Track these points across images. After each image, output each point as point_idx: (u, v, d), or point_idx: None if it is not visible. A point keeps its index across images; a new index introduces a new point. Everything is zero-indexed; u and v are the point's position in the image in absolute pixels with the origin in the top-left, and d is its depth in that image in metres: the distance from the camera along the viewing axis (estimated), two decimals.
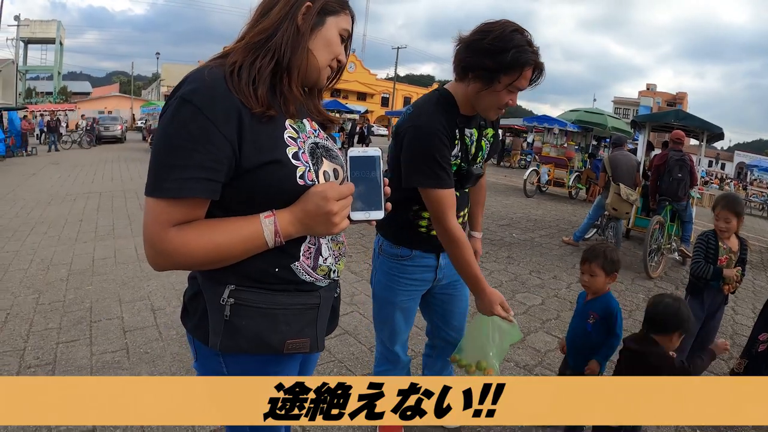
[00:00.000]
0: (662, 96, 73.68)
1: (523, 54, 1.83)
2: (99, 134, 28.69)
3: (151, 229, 1.13)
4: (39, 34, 52.44)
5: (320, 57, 1.32)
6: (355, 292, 5.08)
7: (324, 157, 1.34)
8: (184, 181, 1.10)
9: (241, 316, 1.22)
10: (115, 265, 5.58)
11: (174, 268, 1.17)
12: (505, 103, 1.97)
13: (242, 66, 1.20)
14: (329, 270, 1.36)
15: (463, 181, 2.19)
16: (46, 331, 3.87)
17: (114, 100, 54.00)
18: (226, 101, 1.14)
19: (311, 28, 1.29)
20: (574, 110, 15.97)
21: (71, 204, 9.33)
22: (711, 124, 9.37)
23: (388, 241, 2.33)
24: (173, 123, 1.12)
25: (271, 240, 1.18)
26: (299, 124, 1.31)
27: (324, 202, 1.16)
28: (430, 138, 1.99)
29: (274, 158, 1.19)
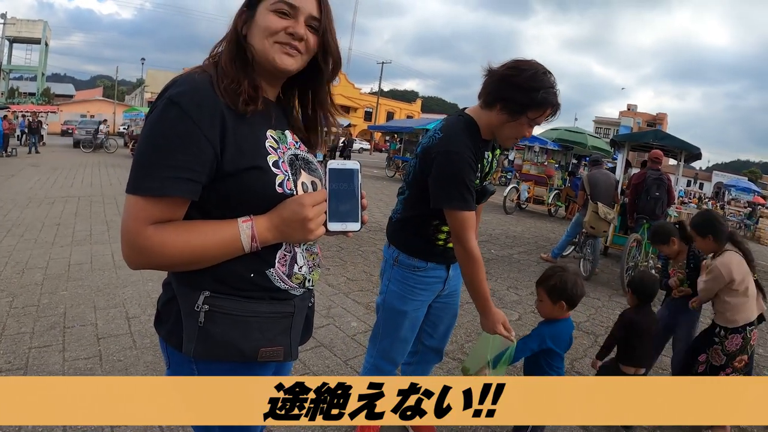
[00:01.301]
0: (642, 116, 74.72)
1: (551, 96, 2.06)
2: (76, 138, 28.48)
3: (129, 226, 1.14)
4: (25, 33, 51.97)
5: (256, 42, 1.29)
6: (332, 305, 5.07)
7: (302, 169, 1.37)
8: (165, 180, 1.12)
9: (215, 322, 1.24)
10: (91, 271, 5.53)
11: (149, 267, 1.19)
12: (524, 135, 2.20)
13: (217, 71, 1.25)
14: (304, 279, 1.38)
15: (479, 197, 2.32)
16: (19, 335, 3.82)
17: (97, 104, 53.50)
18: (211, 105, 1.17)
19: (245, 23, 1.31)
20: (554, 129, 16.15)
21: (49, 207, 9.21)
22: (689, 144, 9.53)
23: (405, 253, 2.44)
24: (159, 123, 1.15)
25: (247, 244, 1.20)
26: (280, 135, 1.34)
27: (300, 208, 1.19)
28: (461, 164, 2.14)
29: (255, 164, 1.22)
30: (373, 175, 22.45)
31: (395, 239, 2.52)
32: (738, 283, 3.28)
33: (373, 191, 15.83)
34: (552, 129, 16.24)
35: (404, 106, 72.00)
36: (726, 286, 3.30)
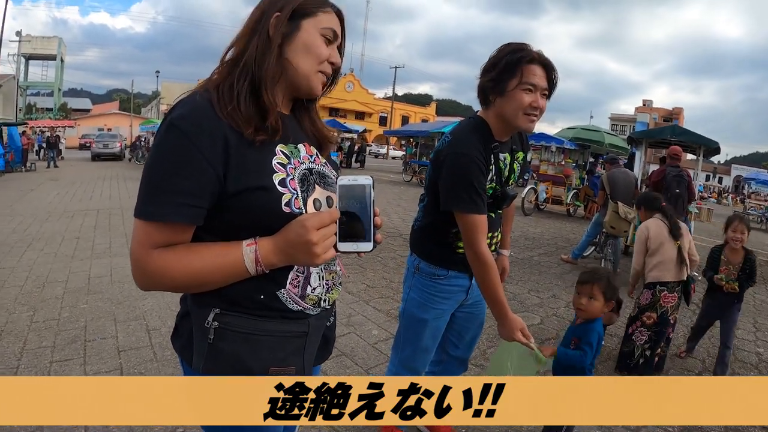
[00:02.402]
0: (659, 112, 74.06)
1: (515, 54, 2.04)
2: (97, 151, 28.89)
3: (135, 250, 1.14)
4: (40, 50, 52.81)
5: (302, 64, 1.27)
6: (352, 313, 5.03)
7: (317, 184, 1.31)
8: (166, 206, 1.10)
9: (225, 339, 1.22)
10: (110, 284, 5.55)
11: (157, 289, 1.19)
12: (528, 104, 2.05)
13: (224, 88, 1.20)
14: (319, 299, 1.33)
15: (498, 202, 2.28)
16: (40, 349, 3.83)
17: (114, 117, 54.11)
18: (212, 127, 1.13)
19: (285, 36, 1.26)
20: (571, 128, 16.05)
21: (68, 221, 9.31)
22: (707, 138, 9.41)
23: (425, 261, 2.41)
24: (161, 147, 1.13)
25: (252, 268, 1.17)
26: (292, 149, 1.29)
27: (304, 231, 1.13)
28: (468, 165, 2.11)
29: (260, 184, 1.18)
30: (390, 180, 22.43)
31: (416, 247, 2.48)
32: (651, 242, 4.01)
33: (390, 196, 15.84)
34: (568, 128, 16.14)
35: (419, 110, 72.04)
36: (647, 246, 4.05)
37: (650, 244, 4.02)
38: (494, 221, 2.35)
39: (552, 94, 2.14)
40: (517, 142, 2.39)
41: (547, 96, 2.11)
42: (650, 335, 3.87)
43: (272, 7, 1.26)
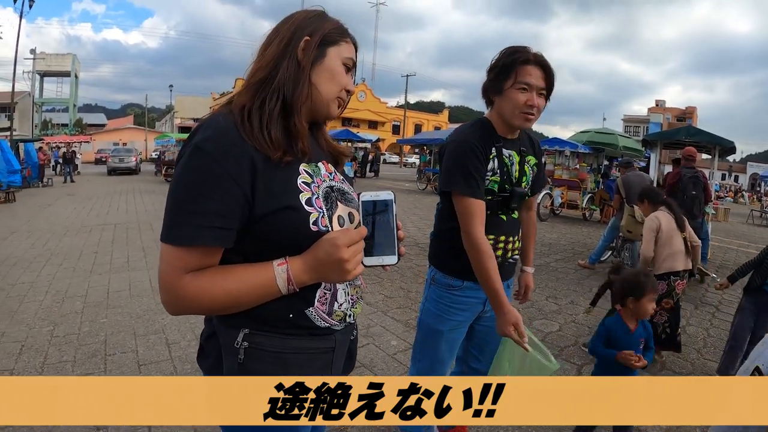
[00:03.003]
0: (672, 111, 73.44)
1: (511, 56, 2.11)
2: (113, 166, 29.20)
3: (166, 276, 1.13)
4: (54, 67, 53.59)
5: (325, 89, 1.30)
6: (371, 323, 5.01)
7: (339, 201, 1.32)
8: (197, 229, 1.10)
9: (255, 359, 1.22)
10: (129, 298, 5.58)
11: (188, 313, 1.18)
12: (523, 103, 2.11)
13: (251, 110, 1.20)
14: (345, 315, 1.34)
15: (508, 201, 2.27)
16: (61, 363, 3.86)
17: (128, 131, 54.85)
18: (239, 148, 1.13)
19: (312, 61, 1.28)
20: (584, 131, 15.96)
21: (86, 236, 9.40)
22: (722, 138, 9.32)
23: (441, 272, 2.39)
24: (187, 170, 1.12)
25: (284, 288, 1.17)
26: (314, 168, 1.30)
27: (334, 250, 1.14)
28: (462, 148, 2.19)
29: (287, 204, 1.18)
30: (405, 189, 22.41)
31: (432, 258, 2.47)
32: (663, 234, 4.28)
33: (405, 205, 15.82)
34: (582, 132, 16.06)
35: (431, 118, 72.08)
36: (656, 237, 4.30)
37: (661, 235, 4.30)
38: (507, 224, 2.32)
39: (551, 93, 2.18)
40: (527, 145, 2.39)
41: (545, 95, 2.16)
42: (669, 317, 4.25)
43: (301, 32, 1.28)
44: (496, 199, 2.25)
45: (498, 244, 2.29)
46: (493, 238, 2.27)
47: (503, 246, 2.31)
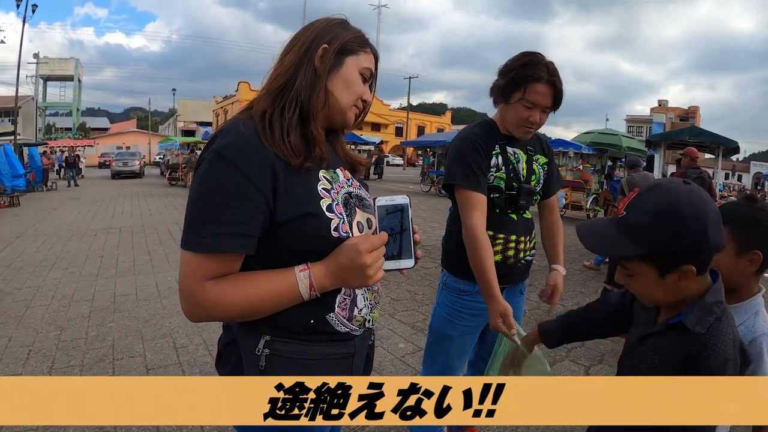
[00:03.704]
0: (675, 111, 73.24)
1: (524, 71, 2.08)
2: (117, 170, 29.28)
3: (188, 283, 1.13)
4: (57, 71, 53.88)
5: (342, 98, 1.31)
6: (379, 326, 4.98)
7: (357, 207, 1.32)
8: (219, 236, 1.10)
9: (276, 366, 1.21)
10: (136, 302, 5.58)
11: (210, 320, 1.18)
12: (525, 119, 2.13)
13: (272, 117, 1.21)
14: (364, 320, 1.34)
15: (516, 198, 2.26)
16: (69, 368, 3.86)
17: (132, 135, 54.92)
18: (260, 155, 1.13)
19: (329, 69, 1.28)
20: (588, 132, 15.98)
21: (92, 239, 9.42)
22: (726, 138, 9.33)
23: (453, 275, 2.36)
24: (208, 177, 1.12)
25: (306, 293, 1.17)
26: (332, 174, 1.30)
27: (356, 255, 1.15)
28: (463, 144, 2.23)
29: (309, 211, 1.18)
30: (409, 191, 22.39)
31: (444, 261, 2.45)
32: None
33: None
34: (585, 133, 16.07)
35: (434, 119, 72.18)
36: None
37: None
38: (518, 224, 2.30)
39: (558, 107, 2.19)
40: (535, 144, 2.38)
41: (551, 109, 2.18)
42: None
43: (320, 39, 1.29)
44: (504, 196, 2.24)
45: (509, 243, 2.27)
46: (503, 237, 2.25)
47: (514, 246, 2.28)
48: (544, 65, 2.08)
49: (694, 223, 1.18)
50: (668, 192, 1.22)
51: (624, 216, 1.27)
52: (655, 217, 1.21)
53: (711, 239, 1.19)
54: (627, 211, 1.27)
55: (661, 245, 1.22)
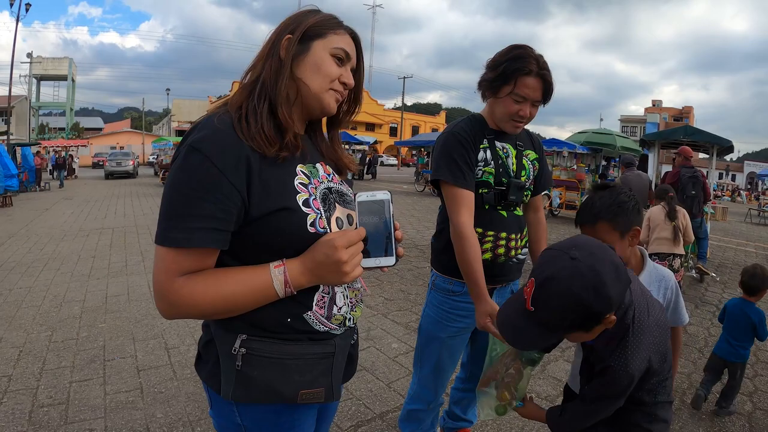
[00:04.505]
0: (669, 111, 73.51)
1: (514, 64, 2.05)
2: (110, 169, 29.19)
3: (160, 279, 1.11)
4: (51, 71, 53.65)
5: (312, 83, 1.28)
6: (371, 326, 4.98)
7: (337, 203, 1.31)
8: (192, 231, 1.08)
9: (253, 365, 1.19)
10: (128, 303, 5.55)
11: (183, 317, 1.15)
12: (515, 112, 2.11)
13: (247, 109, 1.20)
14: (344, 318, 1.32)
15: (506, 193, 2.23)
16: (59, 369, 3.83)
17: (126, 135, 54.77)
18: (234, 149, 1.12)
19: (295, 56, 1.26)
20: (582, 132, 15.99)
21: (84, 240, 9.37)
22: (720, 137, 9.35)
23: (442, 275, 2.34)
24: (182, 171, 1.10)
25: (281, 290, 1.15)
26: (311, 169, 1.29)
27: (332, 251, 1.13)
28: (449, 139, 2.20)
29: (284, 206, 1.16)
30: (403, 190, 22.39)
31: (433, 261, 2.42)
32: (652, 221, 5.22)
33: (403, 207, 15.80)
34: (579, 132, 16.09)
35: (429, 119, 72.29)
36: (647, 225, 5.22)
37: (650, 223, 5.20)
38: (508, 221, 2.26)
39: (548, 101, 2.16)
40: (524, 140, 2.36)
41: (541, 102, 2.15)
42: None
43: (285, 30, 1.28)
44: (493, 191, 2.21)
45: (499, 241, 2.23)
46: (493, 234, 2.22)
47: (505, 243, 2.25)
48: (534, 58, 2.06)
49: (597, 299, 1.28)
50: (561, 286, 1.30)
51: (534, 313, 1.35)
52: (561, 313, 1.32)
53: (614, 297, 1.32)
54: (534, 308, 1.35)
55: (581, 325, 1.35)
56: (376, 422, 3.19)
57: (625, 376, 1.45)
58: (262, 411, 1.27)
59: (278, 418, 1.29)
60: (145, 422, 3.10)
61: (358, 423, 3.17)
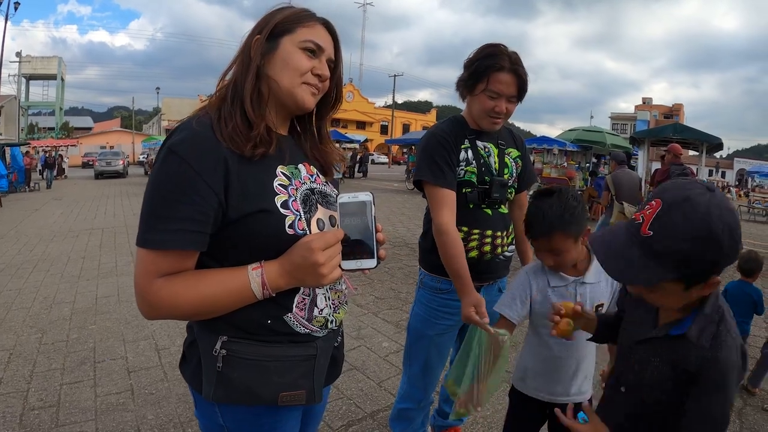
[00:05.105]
0: (659, 109, 73.82)
1: (486, 61, 2.11)
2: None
3: (139, 280, 1.13)
4: (40, 70, 53.26)
5: (282, 79, 1.27)
6: (362, 325, 4.99)
7: (319, 204, 1.31)
8: (169, 233, 1.09)
9: (233, 367, 1.20)
10: (118, 303, 5.53)
11: (163, 318, 1.17)
12: (490, 108, 2.15)
13: (223, 110, 1.21)
14: (326, 320, 1.32)
15: (489, 191, 2.25)
16: (50, 371, 3.82)
17: (115, 134, 54.46)
18: (212, 151, 1.13)
19: (264, 55, 1.26)
20: (572, 129, 16.05)
21: (74, 241, 9.32)
22: (709, 135, 9.41)
23: (429, 273, 2.36)
24: (160, 174, 1.12)
25: (258, 293, 1.16)
26: (292, 170, 1.29)
27: (309, 253, 1.13)
28: (430, 140, 2.25)
29: (262, 207, 1.17)
30: (394, 189, 22.39)
31: (421, 260, 2.45)
32: None
33: (394, 205, 15.82)
34: (570, 130, 16.14)
35: (419, 117, 72.39)
36: None
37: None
38: (493, 219, 2.28)
39: (523, 96, 2.20)
40: (506, 138, 2.39)
41: (517, 99, 2.19)
42: None
43: (255, 32, 1.29)
44: (476, 190, 2.24)
45: (485, 239, 2.26)
46: (479, 232, 2.25)
47: (491, 241, 2.27)
48: (506, 55, 2.11)
49: (730, 241, 1.08)
50: (700, 210, 1.08)
51: (650, 238, 1.13)
52: (691, 242, 1.08)
53: (739, 248, 1.14)
54: (653, 231, 1.12)
55: (696, 268, 1.13)
56: (367, 421, 3.20)
57: (734, 367, 1.18)
58: (243, 412, 1.28)
59: (259, 420, 1.30)
60: (136, 424, 3.10)
61: (349, 422, 3.18)
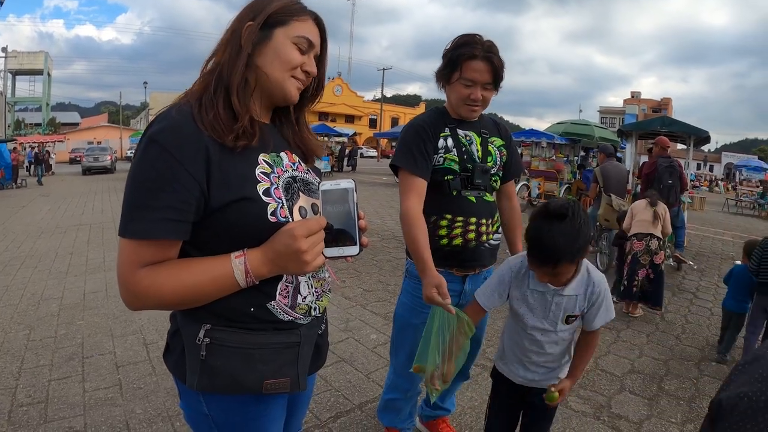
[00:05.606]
0: (647, 103, 74.28)
1: (459, 50, 2.15)
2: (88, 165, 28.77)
3: (122, 270, 1.12)
4: (27, 65, 52.64)
5: (272, 71, 1.27)
6: (350, 317, 5.01)
7: (302, 192, 1.31)
8: (151, 222, 1.09)
9: (217, 355, 1.20)
10: (106, 299, 5.51)
11: (147, 308, 1.16)
12: (466, 96, 2.20)
13: (204, 98, 1.20)
14: (309, 308, 1.32)
15: (471, 178, 2.28)
16: (38, 368, 3.81)
17: (103, 130, 53.99)
18: (193, 139, 1.12)
19: (256, 43, 1.25)
20: (561, 122, 16.09)
21: (61, 237, 9.26)
22: (697, 128, 9.45)
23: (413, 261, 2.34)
24: (141, 163, 1.11)
25: (242, 281, 1.16)
26: (274, 158, 1.29)
27: (292, 241, 1.13)
28: (408, 130, 2.32)
29: (243, 195, 1.17)
30: (383, 182, 22.36)
31: (406, 249, 2.42)
32: (635, 209, 5.77)
33: (383, 198, 15.84)
34: (558, 123, 16.19)
35: (408, 111, 72.23)
36: (632, 213, 5.76)
37: (633, 212, 5.72)
38: (477, 206, 2.29)
39: (499, 83, 2.23)
40: (490, 127, 2.41)
41: (493, 87, 2.22)
42: (627, 271, 5.52)
43: (246, 18, 1.26)
44: (459, 177, 2.26)
45: (469, 226, 2.27)
46: (462, 220, 2.26)
47: (475, 228, 2.27)
48: (480, 44, 2.14)
49: None
50: None
51: None
52: None
53: None
54: None
55: None
56: (355, 413, 3.22)
57: None
58: (228, 401, 1.28)
59: (245, 408, 1.30)
60: (124, 418, 3.10)
61: (337, 414, 3.19)
